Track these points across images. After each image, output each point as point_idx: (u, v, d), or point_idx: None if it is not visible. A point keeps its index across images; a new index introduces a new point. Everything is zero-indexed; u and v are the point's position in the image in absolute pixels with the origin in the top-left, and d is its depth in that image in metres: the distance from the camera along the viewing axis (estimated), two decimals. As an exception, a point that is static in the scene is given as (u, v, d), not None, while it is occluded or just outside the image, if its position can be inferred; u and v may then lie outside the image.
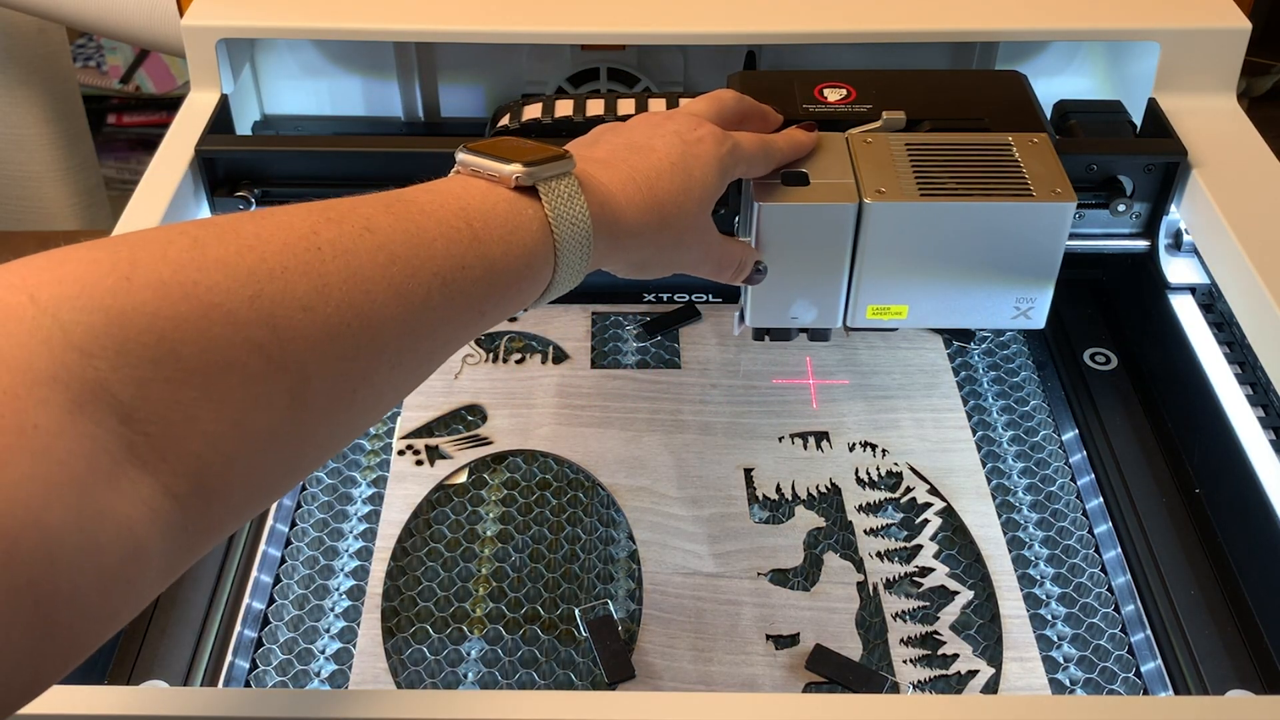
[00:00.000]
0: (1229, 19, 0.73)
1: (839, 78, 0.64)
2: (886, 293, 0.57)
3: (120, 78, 2.09)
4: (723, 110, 0.56)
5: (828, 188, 0.55)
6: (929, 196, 0.54)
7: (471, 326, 0.41)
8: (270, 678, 0.56)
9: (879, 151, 0.57)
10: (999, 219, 0.54)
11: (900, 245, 0.55)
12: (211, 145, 0.69)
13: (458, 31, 0.74)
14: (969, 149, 0.57)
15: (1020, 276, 0.57)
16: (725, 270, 0.55)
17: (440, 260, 0.38)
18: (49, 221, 1.35)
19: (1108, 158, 0.67)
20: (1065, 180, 0.55)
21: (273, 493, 0.36)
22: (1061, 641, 0.58)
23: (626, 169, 0.48)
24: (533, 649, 0.57)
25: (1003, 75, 0.65)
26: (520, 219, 0.42)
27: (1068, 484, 0.65)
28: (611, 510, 0.64)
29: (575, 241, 0.43)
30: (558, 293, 0.45)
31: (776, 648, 0.57)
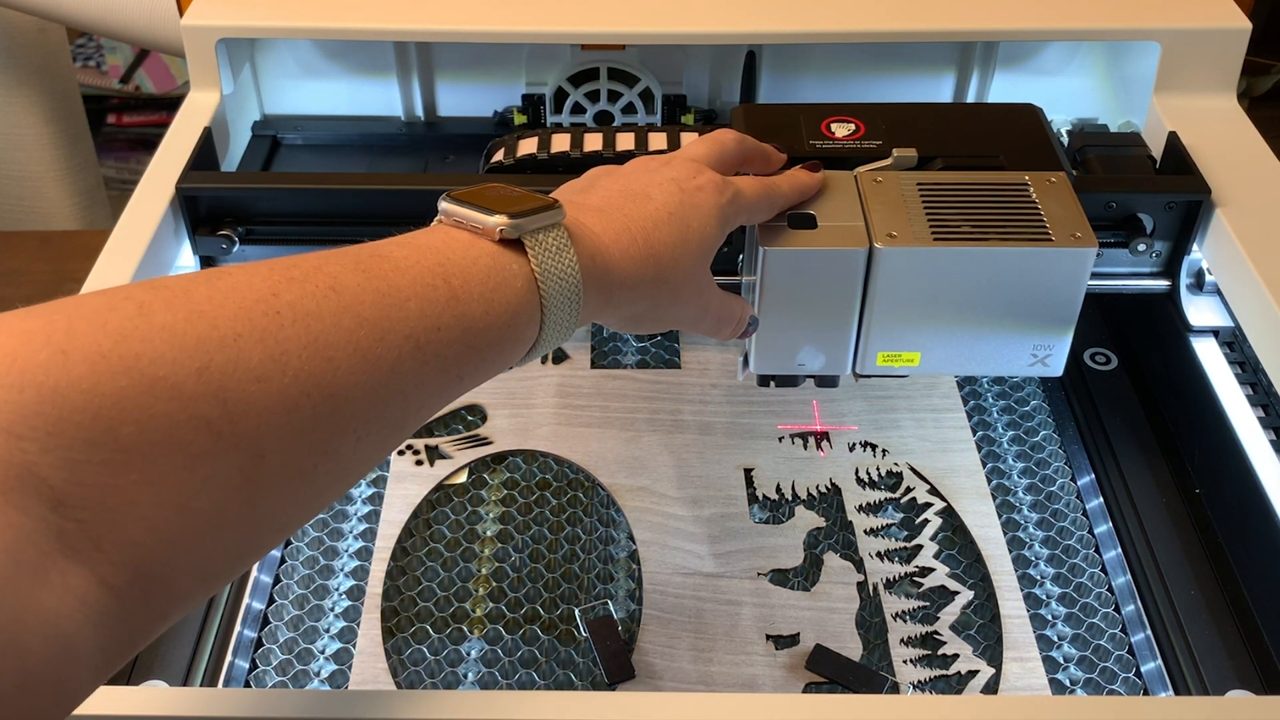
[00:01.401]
0: (1229, 19, 0.73)
1: (847, 112, 0.61)
2: (898, 340, 0.55)
3: (120, 78, 2.09)
4: (723, 154, 0.53)
5: (836, 231, 0.53)
6: (942, 240, 0.52)
7: (447, 391, 0.38)
8: (270, 678, 0.56)
9: (889, 191, 0.55)
10: (1016, 265, 0.52)
11: (913, 291, 0.53)
12: (193, 183, 0.66)
13: (458, 31, 0.73)
14: (984, 189, 0.55)
15: (1038, 323, 0.54)
16: (724, 327, 0.52)
17: (413, 322, 0.36)
18: (49, 221, 1.35)
19: (1128, 196, 0.64)
20: (1085, 223, 0.52)
21: (224, 577, 0.33)
22: (1062, 641, 0.58)
23: (622, 218, 0.46)
24: (533, 649, 0.57)
25: (1017, 109, 0.62)
26: (504, 275, 0.39)
27: (1068, 484, 0.65)
28: (611, 510, 0.64)
29: (564, 297, 0.41)
30: (544, 350, 0.42)
31: (776, 648, 0.57)
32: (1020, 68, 0.80)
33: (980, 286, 0.53)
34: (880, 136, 0.59)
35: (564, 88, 0.79)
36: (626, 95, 0.80)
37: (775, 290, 0.53)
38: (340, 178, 0.67)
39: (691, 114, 0.80)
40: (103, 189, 1.42)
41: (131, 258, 0.61)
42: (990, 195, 0.54)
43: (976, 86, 0.81)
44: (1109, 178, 0.66)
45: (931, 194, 0.54)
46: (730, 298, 0.53)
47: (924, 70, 0.81)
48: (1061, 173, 0.56)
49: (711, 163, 0.52)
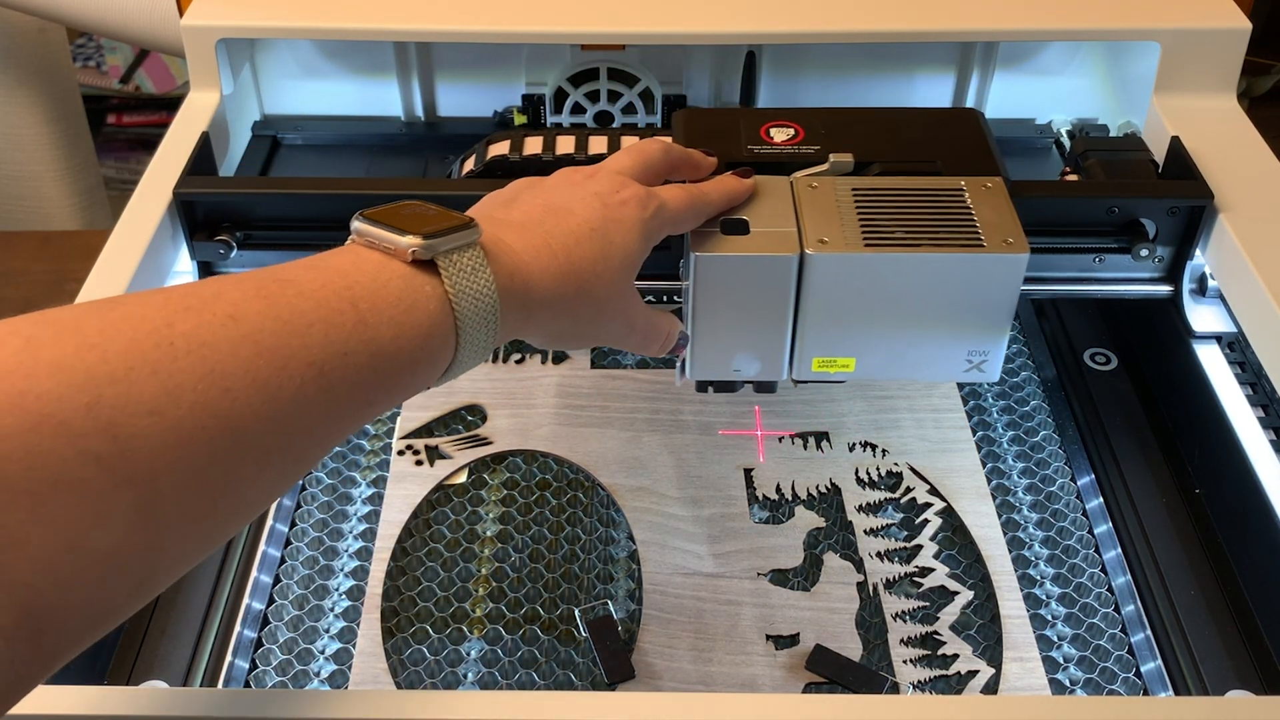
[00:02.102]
0: (1229, 19, 0.73)
1: (786, 116, 0.60)
2: (832, 345, 0.54)
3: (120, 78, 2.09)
4: (648, 165, 0.52)
5: (768, 237, 0.52)
6: (874, 246, 0.51)
7: (357, 417, 0.37)
8: (270, 678, 0.56)
9: (824, 197, 0.54)
10: (947, 270, 0.52)
11: (845, 297, 0.53)
12: (190, 188, 0.65)
13: (457, 31, 0.73)
14: (918, 194, 0.54)
15: (972, 329, 0.54)
16: (652, 343, 0.52)
17: (317, 349, 0.35)
18: (49, 221, 1.35)
19: (1130, 201, 0.63)
20: (1018, 228, 0.52)
21: (118, 615, 0.32)
22: (1061, 642, 0.58)
23: (542, 233, 0.45)
24: (532, 649, 0.57)
25: (957, 113, 0.62)
26: (416, 296, 0.39)
27: (1068, 484, 0.65)
28: (611, 510, 0.64)
29: (479, 317, 0.40)
30: (460, 372, 0.42)
31: (776, 648, 0.57)
32: (1020, 68, 0.80)
33: (913, 292, 0.52)
34: (818, 142, 0.59)
35: (564, 88, 0.79)
36: (626, 95, 0.80)
37: (708, 296, 0.53)
38: (338, 183, 0.67)
39: (691, 114, 0.80)
40: (103, 189, 1.42)
41: (129, 263, 0.61)
42: (924, 200, 0.54)
43: (976, 86, 0.81)
44: (1110, 182, 0.66)
45: (866, 199, 0.54)
46: (657, 313, 0.52)
47: (924, 70, 0.81)
48: (998, 177, 0.55)
49: (637, 174, 0.51)
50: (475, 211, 0.47)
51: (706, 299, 0.53)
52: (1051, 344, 0.74)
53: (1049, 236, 0.62)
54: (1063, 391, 0.71)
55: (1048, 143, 0.80)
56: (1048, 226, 0.62)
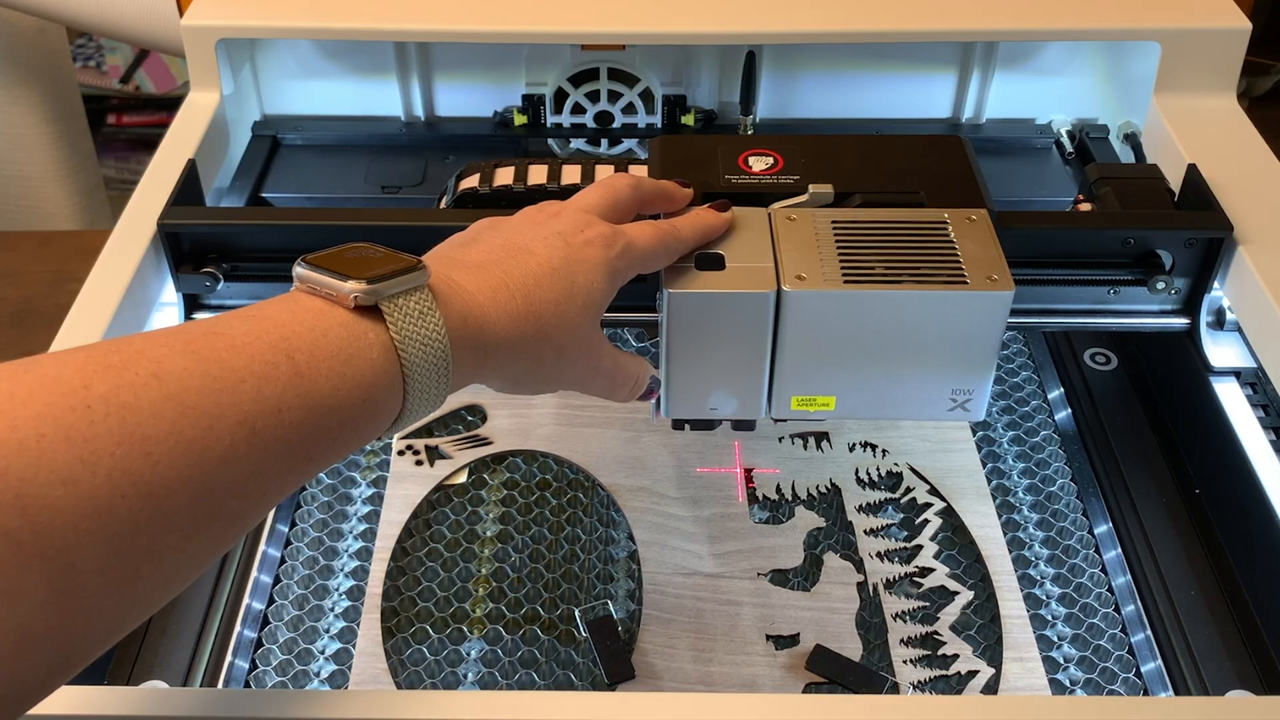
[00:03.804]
0: (1229, 19, 0.73)
1: (765, 144, 0.58)
2: (811, 384, 0.52)
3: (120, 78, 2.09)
4: (617, 201, 0.50)
5: (744, 273, 0.50)
6: (853, 283, 0.49)
7: (299, 473, 0.36)
8: (270, 678, 0.56)
9: (802, 230, 0.52)
10: (929, 308, 0.50)
11: (823, 335, 0.51)
12: (175, 219, 0.62)
13: (458, 31, 0.73)
14: (900, 227, 0.52)
15: (955, 367, 0.52)
16: (619, 389, 0.50)
17: (248, 405, 0.34)
18: (49, 221, 1.35)
19: (1145, 232, 0.60)
20: (1003, 264, 0.50)
21: (36, 695, 0.31)
22: (1062, 642, 0.58)
23: (500, 274, 0.43)
24: (532, 649, 0.57)
25: (941, 141, 0.59)
26: (358, 345, 0.37)
27: (1068, 484, 0.65)
28: (611, 510, 0.64)
29: (428, 364, 0.39)
30: (413, 421, 0.40)
31: (776, 648, 0.57)
32: (1020, 68, 0.80)
33: (894, 330, 0.50)
34: (798, 171, 0.57)
35: (564, 88, 0.79)
36: (626, 95, 0.80)
37: (682, 334, 0.51)
38: (326, 213, 0.64)
39: (691, 114, 0.80)
40: (103, 189, 1.42)
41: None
42: (906, 234, 0.52)
43: (977, 86, 0.81)
44: (1126, 213, 0.63)
45: (846, 233, 0.52)
46: (626, 357, 0.51)
47: (924, 70, 0.81)
48: (983, 209, 0.53)
49: (604, 212, 0.49)
50: (432, 253, 0.46)
51: (681, 337, 0.51)
52: (1051, 344, 0.74)
53: (1062, 268, 0.60)
54: (1063, 391, 0.71)
55: (1048, 143, 0.80)
56: (1061, 258, 0.60)
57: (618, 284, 0.48)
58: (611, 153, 0.83)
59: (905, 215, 0.53)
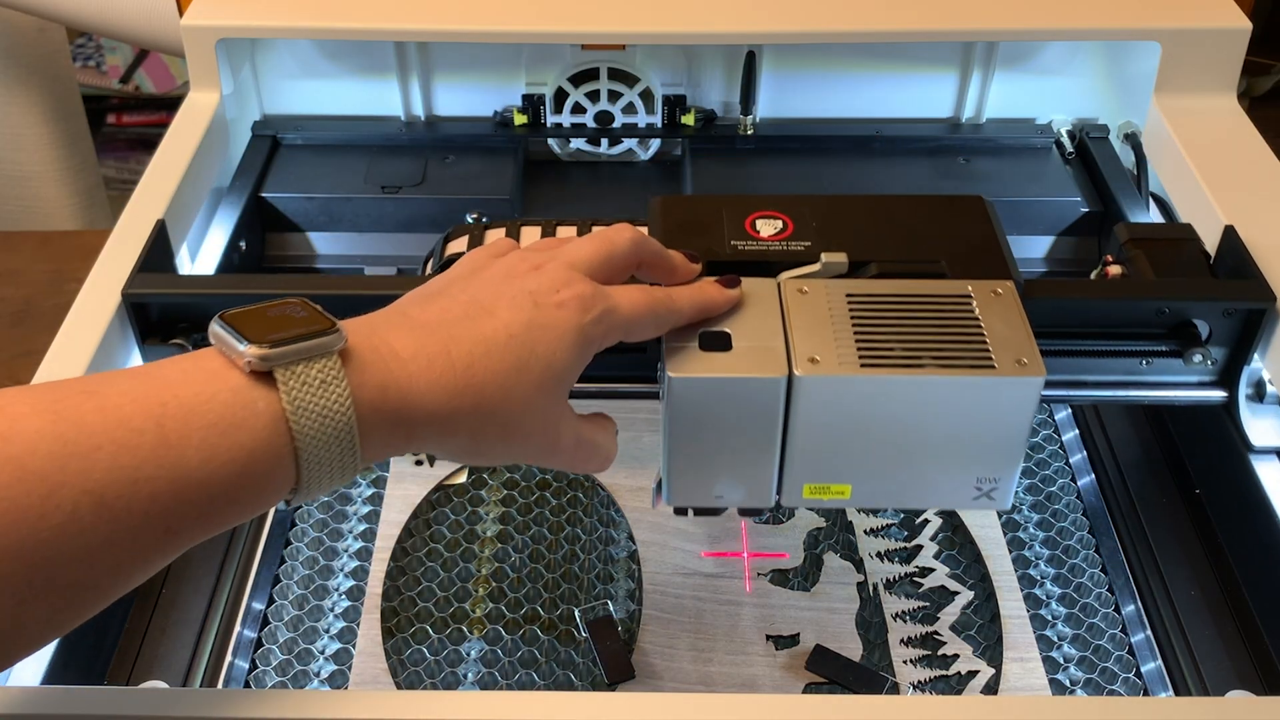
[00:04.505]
0: (1229, 19, 0.73)
1: (774, 206, 0.55)
2: (825, 471, 0.49)
3: (120, 78, 2.09)
4: (611, 258, 0.46)
5: (752, 354, 0.47)
6: (871, 366, 0.46)
7: (160, 545, 0.34)
8: (270, 678, 0.56)
9: (815, 305, 0.49)
10: (953, 395, 0.46)
11: (838, 421, 0.47)
12: (141, 288, 0.58)
13: (458, 31, 0.73)
14: (920, 302, 0.49)
15: (980, 456, 0.48)
16: (585, 463, 0.47)
17: (100, 473, 0.32)
18: (49, 221, 1.35)
19: (1182, 303, 0.56)
20: (1033, 345, 0.47)
21: None
22: (1062, 642, 0.58)
23: (444, 339, 0.40)
24: (532, 649, 0.57)
25: (962, 201, 0.55)
26: (243, 414, 0.35)
27: (1068, 484, 0.65)
28: (611, 510, 0.64)
29: (327, 438, 0.36)
30: (321, 491, 0.38)
31: (776, 648, 0.57)
32: (1020, 68, 0.80)
33: (915, 416, 0.47)
34: (809, 236, 0.53)
35: (564, 87, 0.79)
36: (626, 95, 0.80)
37: (685, 420, 0.47)
38: (300, 281, 0.62)
39: (691, 114, 0.80)
40: (103, 189, 1.42)
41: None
42: (928, 310, 0.48)
43: (977, 86, 0.81)
44: (1161, 282, 0.58)
45: (862, 308, 0.49)
46: (592, 429, 0.47)
47: (924, 70, 0.81)
48: (1009, 282, 0.50)
49: (594, 268, 0.46)
50: (388, 308, 0.43)
51: (683, 423, 0.47)
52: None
53: (1092, 339, 0.56)
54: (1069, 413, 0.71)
55: (1048, 143, 0.80)
56: (1091, 328, 0.56)
57: (590, 351, 0.44)
58: (611, 153, 0.83)
59: (925, 288, 0.49)
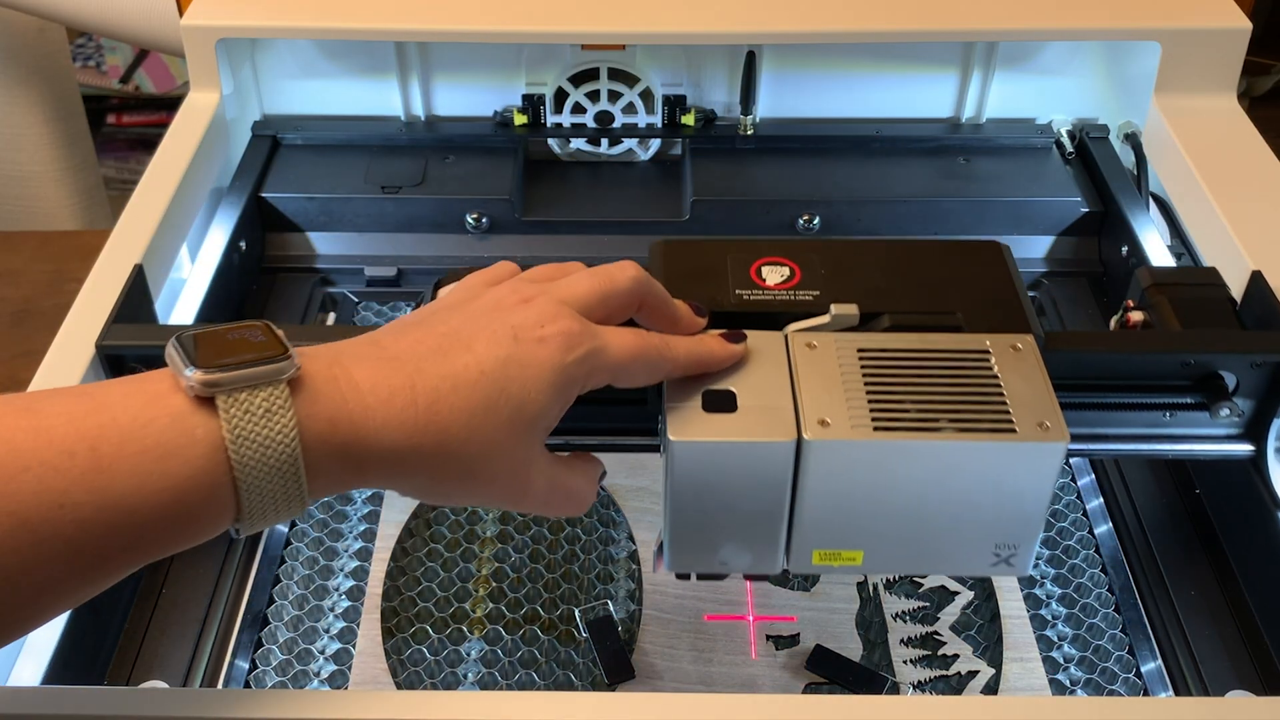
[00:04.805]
0: (1229, 19, 0.73)
1: (781, 252, 0.52)
2: (835, 537, 0.46)
3: (120, 77, 2.09)
4: (609, 296, 0.44)
5: (758, 415, 0.44)
6: (885, 430, 0.43)
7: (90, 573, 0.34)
8: (270, 678, 0.56)
9: (824, 361, 0.46)
10: (971, 460, 0.44)
11: (850, 486, 0.45)
12: (117, 340, 0.56)
13: (458, 31, 0.74)
14: (936, 359, 0.46)
15: (999, 522, 0.46)
16: (558, 510, 0.45)
17: (25, 497, 0.32)
18: (48, 221, 1.35)
19: (1208, 356, 0.53)
20: (1055, 406, 0.44)
21: None
22: (1062, 642, 0.58)
23: (411, 373, 0.39)
24: (532, 649, 0.57)
25: (979, 248, 0.53)
26: (181, 441, 0.34)
27: (1068, 484, 0.65)
28: (611, 510, 0.64)
29: (268, 469, 0.35)
30: (267, 523, 0.37)
31: (776, 648, 0.57)
32: (1020, 68, 0.80)
33: (930, 481, 0.45)
34: (817, 285, 0.50)
35: (564, 87, 0.79)
36: (626, 95, 0.80)
37: (687, 484, 0.45)
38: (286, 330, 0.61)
39: (691, 114, 0.80)
40: (103, 189, 1.42)
41: None
42: (943, 367, 0.46)
43: (977, 86, 0.81)
44: (1187, 334, 0.56)
45: (874, 366, 0.46)
46: (568, 473, 0.45)
47: (924, 70, 0.81)
48: (1029, 336, 0.47)
49: (589, 305, 0.43)
50: (363, 336, 0.42)
51: (685, 487, 0.45)
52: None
53: (1114, 392, 0.54)
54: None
55: (1048, 143, 0.80)
56: (1112, 380, 0.54)
57: (571, 392, 0.42)
58: (611, 153, 0.83)
59: (941, 342, 0.47)
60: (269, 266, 0.76)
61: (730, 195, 0.76)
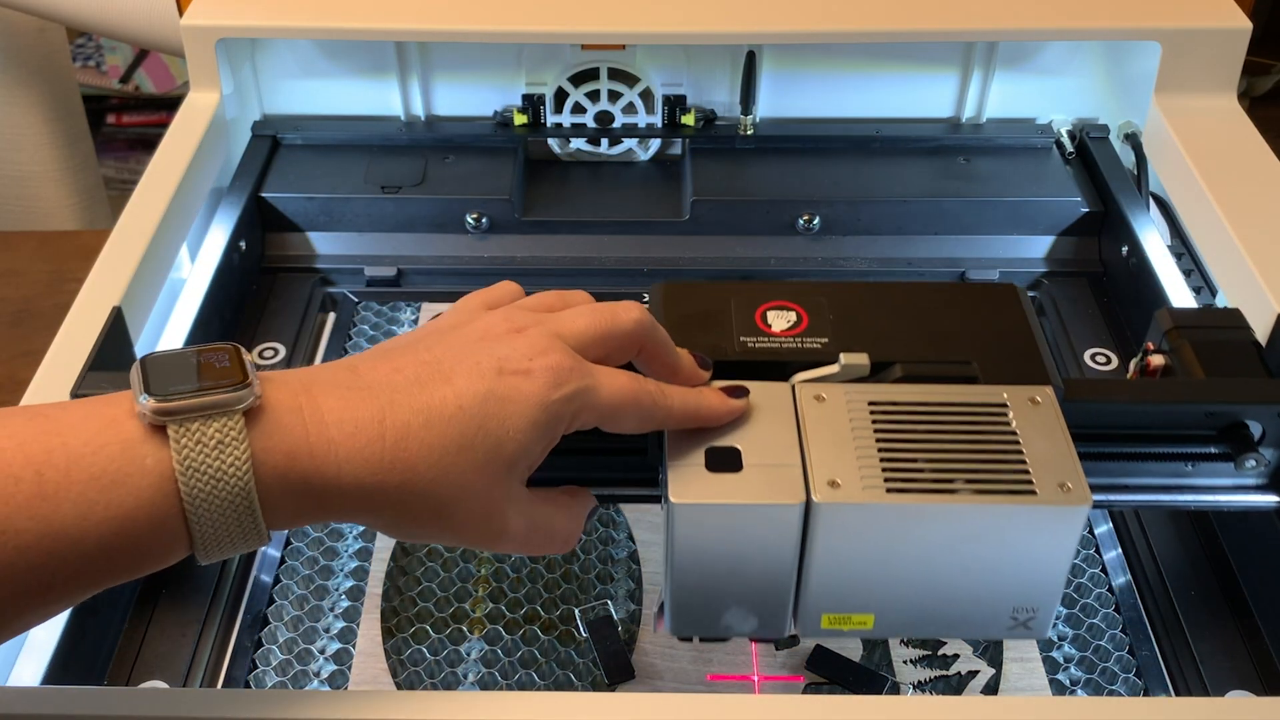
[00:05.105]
0: (1229, 19, 0.73)
1: (787, 295, 0.50)
2: (845, 601, 0.44)
3: (120, 77, 2.09)
4: (608, 335, 0.42)
5: (765, 475, 0.42)
6: (898, 491, 0.41)
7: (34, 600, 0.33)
8: (270, 678, 0.56)
9: (834, 416, 0.44)
10: (989, 523, 0.42)
11: (861, 549, 0.43)
12: (92, 389, 0.54)
13: (458, 31, 0.74)
14: (951, 413, 0.44)
15: (1017, 586, 0.44)
16: (540, 549, 0.43)
17: None
18: (48, 221, 1.35)
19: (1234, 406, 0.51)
20: (1076, 466, 0.42)
21: None
22: (1062, 642, 0.58)
23: (382, 405, 0.37)
24: (532, 649, 0.57)
25: (993, 291, 0.51)
26: (129, 470, 0.33)
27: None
28: (611, 510, 0.64)
29: (220, 502, 0.34)
30: (220, 556, 0.36)
31: (776, 648, 0.57)
32: (1020, 68, 0.80)
33: (946, 544, 0.43)
34: (825, 332, 0.48)
35: (564, 87, 0.79)
36: (627, 95, 0.80)
37: (690, 547, 0.43)
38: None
39: (691, 114, 0.80)
40: (103, 189, 1.42)
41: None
42: (959, 422, 0.44)
43: (977, 86, 0.81)
44: (1211, 383, 0.53)
45: (886, 420, 0.44)
46: (549, 510, 0.43)
47: (924, 70, 0.81)
48: (1048, 388, 0.45)
49: (585, 342, 0.42)
50: (349, 358, 0.41)
51: (688, 550, 0.43)
52: (1052, 344, 0.74)
53: (1134, 442, 0.51)
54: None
55: (1048, 142, 0.80)
56: (1131, 430, 0.51)
57: (555, 430, 0.40)
58: (611, 153, 0.83)
59: (956, 395, 0.45)
60: (269, 266, 0.76)
61: (730, 195, 0.76)
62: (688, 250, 0.77)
